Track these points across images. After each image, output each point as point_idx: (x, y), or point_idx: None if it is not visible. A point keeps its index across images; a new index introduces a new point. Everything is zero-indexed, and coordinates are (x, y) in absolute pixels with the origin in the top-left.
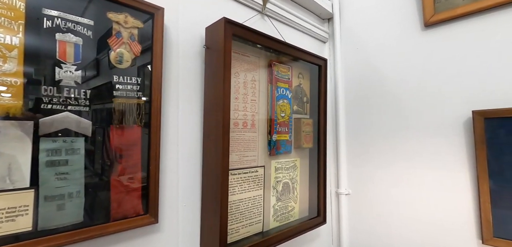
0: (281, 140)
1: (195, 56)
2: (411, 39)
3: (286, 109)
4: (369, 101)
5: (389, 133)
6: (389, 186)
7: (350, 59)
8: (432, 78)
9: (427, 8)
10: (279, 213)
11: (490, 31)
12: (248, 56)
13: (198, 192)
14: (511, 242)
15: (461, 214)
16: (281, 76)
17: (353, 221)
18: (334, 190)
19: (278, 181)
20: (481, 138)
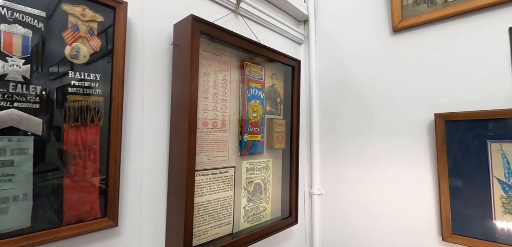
0: (252, 141)
1: (163, 53)
2: (381, 43)
3: (258, 110)
4: (342, 102)
5: (360, 134)
6: (359, 185)
7: (325, 62)
8: (399, 81)
9: (395, 14)
10: (250, 213)
11: (451, 38)
12: (219, 55)
13: (164, 194)
14: (468, 238)
15: (424, 212)
16: (253, 76)
17: (325, 220)
18: (308, 190)
19: (249, 182)
20: (442, 139)
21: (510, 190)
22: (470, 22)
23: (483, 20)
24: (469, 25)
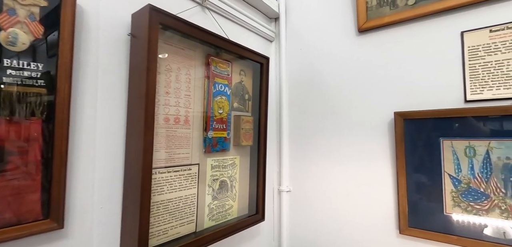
0: (218, 137)
1: (120, 44)
2: (347, 43)
3: (225, 106)
4: (311, 100)
5: (327, 132)
6: (326, 181)
7: (295, 60)
8: (364, 80)
9: (360, 15)
10: (215, 211)
11: (410, 40)
12: (183, 49)
13: (120, 193)
14: (422, 231)
15: (384, 207)
16: (219, 72)
17: (293, 217)
18: (277, 188)
19: (214, 179)
20: (400, 137)
21: (459, 185)
22: (427, 26)
23: (438, 24)
24: (426, 29)
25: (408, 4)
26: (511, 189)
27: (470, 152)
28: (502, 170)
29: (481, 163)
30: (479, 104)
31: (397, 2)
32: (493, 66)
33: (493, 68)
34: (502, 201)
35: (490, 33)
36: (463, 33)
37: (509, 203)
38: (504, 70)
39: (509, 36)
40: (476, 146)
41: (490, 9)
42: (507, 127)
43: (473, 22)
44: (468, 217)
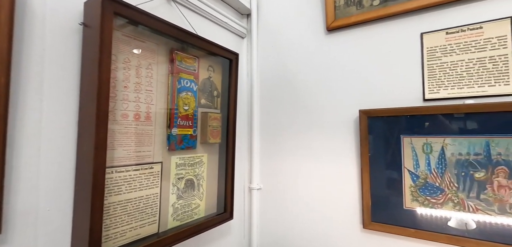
0: (183, 134)
1: (72, 34)
2: (317, 41)
3: (190, 103)
4: (282, 98)
5: (297, 129)
6: (295, 179)
7: (266, 57)
8: (332, 78)
9: (329, 14)
10: (180, 211)
11: (375, 40)
12: (144, 41)
13: (71, 194)
14: (384, 225)
15: (350, 202)
16: (185, 67)
17: (263, 215)
18: (247, 185)
19: (179, 178)
20: (365, 134)
21: (417, 180)
22: (391, 26)
23: (401, 25)
24: (390, 29)
25: (373, 5)
26: (462, 183)
27: (427, 149)
28: (455, 165)
29: (437, 159)
30: (436, 103)
31: (363, 3)
32: (449, 67)
33: (449, 69)
34: (455, 195)
35: (446, 35)
36: (423, 34)
37: (460, 197)
38: (458, 70)
39: (462, 38)
40: (432, 143)
41: (446, 12)
42: (459, 125)
43: (431, 24)
44: (425, 210)
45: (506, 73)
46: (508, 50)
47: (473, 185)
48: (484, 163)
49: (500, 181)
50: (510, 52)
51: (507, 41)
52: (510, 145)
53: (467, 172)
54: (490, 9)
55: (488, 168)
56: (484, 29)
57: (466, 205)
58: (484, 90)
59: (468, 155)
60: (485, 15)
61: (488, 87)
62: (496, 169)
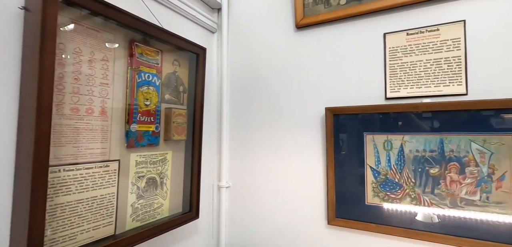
0: (144, 131)
1: (12, 19)
2: (286, 38)
3: (152, 97)
4: (251, 94)
5: (266, 126)
6: (265, 176)
7: (236, 52)
8: (300, 76)
9: (298, 11)
10: (141, 211)
11: (341, 39)
12: (98, 31)
13: (9, 195)
14: (347, 220)
15: (316, 199)
16: (146, 60)
17: (232, 213)
18: (216, 183)
19: (140, 177)
20: (330, 131)
21: (379, 176)
22: (356, 26)
23: (366, 25)
24: (355, 28)
25: (340, 4)
26: (419, 179)
27: (388, 146)
28: (413, 162)
29: (396, 156)
30: (396, 102)
31: (331, 1)
32: (409, 67)
33: (408, 68)
34: (412, 190)
35: (407, 36)
36: (385, 34)
37: (417, 192)
38: (417, 70)
39: (421, 39)
40: (392, 140)
41: (407, 14)
42: (416, 123)
43: (393, 25)
44: (385, 205)
45: (459, 74)
46: (461, 52)
47: (428, 180)
48: (438, 159)
49: (452, 176)
50: (463, 54)
51: (460, 43)
52: (461, 142)
53: (423, 168)
54: (446, 12)
55: (441, 164)
56: (440, 31)
57: (422, 200)
58: (440, 90)
59: (424, 151)
60: (442, 17)
61: (443, 87)
62: (448, 165)
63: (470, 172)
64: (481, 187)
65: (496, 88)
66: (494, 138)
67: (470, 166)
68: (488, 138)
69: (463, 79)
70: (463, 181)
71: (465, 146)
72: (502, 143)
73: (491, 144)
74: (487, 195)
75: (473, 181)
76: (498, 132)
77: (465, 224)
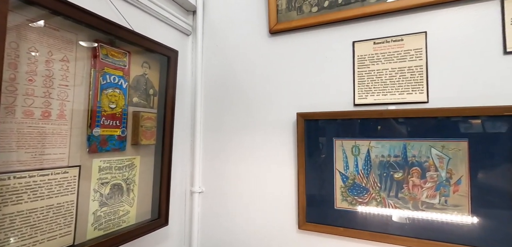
0: (108, 135)
1: None
2: (260, 43)
3: (118, 101)
4: (226, 99)
5: (240, 131)
6: (237, 181)
7: (211, 56)
8: (273, 81)
9: (271, 16)
10: (104, 219)
11: (313, 46)
12: (57, 30)
13: None
14: (317, 225)
15: (288, 204)
16: (112, 61)
17: (205, 218)
18: (189, 189)
19: (103, 183)
20: (301, 136)
21: (347, 180)
22: (328, 33)
23: (337, 32)
24: (327, 36)
25: (312, 12)
26: (384, 183)
27: (356, 151)
28: (378, 166)
29: (363, 161)
30: (364, 108)
31: (303, 8)
32: (375, 75)
33: (375, 76)
34: (378, 194)
35: (374, 45)
36: (354, 43)
37: (382, 196)
38: (383, 78)
39: (387, 49)
40: (360, 145)
41: (374, 24)
42: (382, 129)
43: (362, 34)
44: (352, 209)
45: (421, 83)
46: (423, 61)
47: (392, 184)
48: (402, 164)
49: (414, 180)
50: (425, 64)
51: (422, 53)
52: (422, 147)
53: (388, 172)
54: (409, 23)
55: (405, 168)
56: (404, 42)
57: (387, 203)
58: (403, 97)
59: (389, 156)
60: (406, 28)
61: (407, 95)
62: (411, 170)
63: (430, 177)
64: (440, 190)
65: (454, 97)
66: (451, 144)
67: (430, 171)
68: (446, 144)
69: (425, 87)
70: (424, 185)
71: (425, 152)
72: (458, 149)
73: (449, 149)
74: (445, 198)
75: (433, 185)
76: (455, 138)
77: (426, 227)
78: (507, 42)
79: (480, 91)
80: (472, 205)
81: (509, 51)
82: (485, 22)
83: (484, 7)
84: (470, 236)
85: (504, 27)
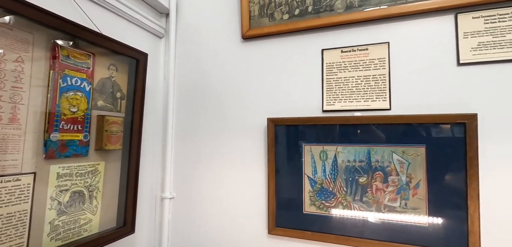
0: (68, 140)
1: None
2: (233, 48)
3: (80, 104)
4: (199, 103)
5: (212, 135)
6: (208, 186)
7: (184, 59)
8: (245, 86)
9: (244, 22)
10: (62, 229)
11: (284, 52)
12: (11, 29)
13: None
14: (286, 229)
15: (258, 209)
16: (73, 63)
17: (175, 225)
18: (159, 195)
19: (62, 190)
20: (272, 141)
21: (315, 185)
22: (299, 41)
23: (307, 40)
24: (298, 43)
25: (283, 19)
26: (350, 187)
27: (324, 156)
28: (345, 171)
29: (330, 166)
30: (331, 114)
31: (275, 15)
32: (342, 82)
33: (342, 83)
34: (344, 198)
35: (341, 53)
36: (323, 50)
37: (348, 200)
38: (349, 86)
39: (353, 57)
40: (327, 151)
41: (342, 33)
42: (348, 135)
43: (330, 42)
44: (320, 213)
45: (384, 91)
46: (386, 70)
47: (357, 188)
48: (366, 169)
49: (377, 185)
50: (387, 73)
51: (385, 62)
52: (385, 153)
53: (353, 177)
54: (374, 33)
55: (369, 173)
56: (369, 51)
57: (352, 207)
58: (368, 104)
59: (354, 161)
60: (371, 38)
61: (371, 102)
62: (374, 174)
63: (392, 181)
64: (401, 194)
65: (414, 105)
66: (411, 149)
67: (392, 175)
68: (406, 149)
69: (387, 95)
70: (386, 189)
71: (388, 157)
72: (417, 154)
73: (409, 155)
74: (405, 201)
75: (395, 189)
76: (414, 144)
77: (388, 229)
78: (460, 54)
79: (436, 99)
80: (429, 207)
81: (462, 63)
82: (441, 35)
83: (440, 20)
84: (427, 237)
85: (458, 40)
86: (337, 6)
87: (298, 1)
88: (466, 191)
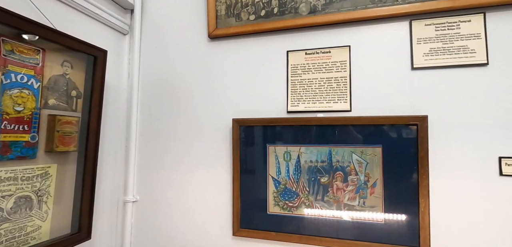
0: (13, 141)
1: None
2: (199, 47)
3: (27, 102)
4: (164, 103)
5: (177, 136)
6: (173, 188)
7: (149, 57)
8: (211, 86)
9: (210, 22)
10: (5, 237)
11: (250, 53)
12: None
13: None
14: (250, 230)
15: (223, 210)
16: (20, 58)
17: (138, 229)
18: (122, 198)
19: (4, 196)
20: (237, 142)
21: (279, 185)
22: (265, 42)
23: (273, 41)
24: (264, 44)
25: (250, 19)
26: (312, 187)
27: (287, 157)
28: (307, 171)
29: (294, 166)
30: (295, 115)
31: (242, 16)
32: (307, 83)
33: (306, 85)
34: (307, 198)
35: (306, 55)
36: (288, 52)
37: (310, 199)
38: (313, 87)
39: (317, 59)
40: (291, 151)
41: (306, 35)
42: (311, 135)
43: (295, 44)
44: (284, 213)
45: (345, 92)
46: (347, 73)
47: (319, 188)
48: (327, 169)
49: (338, 184)
50: (348, 75)
51: (346, 65)
52: (345, 153)
53: (316, 177)
54: (336, 37)
55: (330, 173)
56: (332, 54)
57: (314, 207)
58: (330, 106)
59: (316, 162)
60: (333, 41)
61: (333, 103)
62: (335, 174)
63: (351, 180)
64: (359, 193)
65: (372, 106)
66: (369, 150)
67: (351, 175)
68: (365, 150)
69: (348, 97)
70: (346, 188)
71: (348, 157)
72: (374, 154)
73: (367, 155)
74: (363, 200)
75: (354, 188)
76: (372, 144)
77: (348, 227)
78: (414, 59)
79: (392, 102)
80: (385, 205)
81: (415, 67)
82: (397, 40)
83: (396, 26)
84: (383, 234)
85: (412, 46)
86: (301, 9)
87: (264, 2)
88: (417, 188)
